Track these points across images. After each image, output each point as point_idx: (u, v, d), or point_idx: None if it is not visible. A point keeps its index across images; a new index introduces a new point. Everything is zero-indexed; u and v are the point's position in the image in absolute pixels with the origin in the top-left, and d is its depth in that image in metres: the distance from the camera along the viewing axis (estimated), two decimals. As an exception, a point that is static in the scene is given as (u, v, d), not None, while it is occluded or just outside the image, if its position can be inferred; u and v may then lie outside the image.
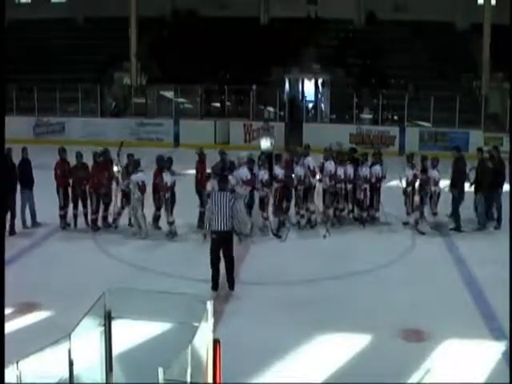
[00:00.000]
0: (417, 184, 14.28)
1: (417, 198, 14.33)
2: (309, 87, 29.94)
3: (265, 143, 19.39)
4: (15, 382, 4.64)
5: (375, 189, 14.51)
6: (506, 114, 24.41)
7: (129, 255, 12.47)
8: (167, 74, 28.62)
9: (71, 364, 5.01)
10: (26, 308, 9.74)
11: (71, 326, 5.13)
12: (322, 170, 14.53)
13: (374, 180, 14.44)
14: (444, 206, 14.43)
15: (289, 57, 28.58)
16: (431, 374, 8.04)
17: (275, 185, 13.84)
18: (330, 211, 14.45)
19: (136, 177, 13.31)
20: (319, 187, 14.68)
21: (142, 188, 13.31)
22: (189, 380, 4.74)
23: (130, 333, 5.89)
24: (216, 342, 5.57)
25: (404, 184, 14.47)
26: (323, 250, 13.00)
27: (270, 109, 27.19)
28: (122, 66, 29.31)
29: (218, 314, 7.03)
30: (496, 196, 14.54)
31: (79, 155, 14.04)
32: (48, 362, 5.04)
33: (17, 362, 4.65)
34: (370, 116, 26.37)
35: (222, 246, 10.41)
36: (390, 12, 30.09)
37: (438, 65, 27.72)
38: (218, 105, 28.56)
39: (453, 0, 29.30)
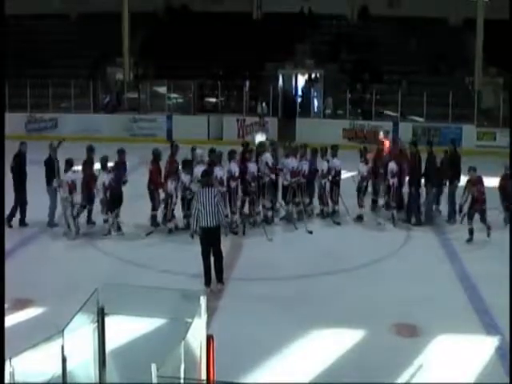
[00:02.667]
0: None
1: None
2: (302, 82, 29.94)
3: (259, 138, 19.45)
4: (8, 378, 4.63)
5: (335, 182, 14.55)
6: (499, 108, 24.47)
7: (123, 252, 12.43)
8: (160, 69, 28.58)
9: (64, 360, 4.99)
10: (19, 304, 9.71)
11: (64, 323, 5.11)
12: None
13: (333, 173, 14.46)
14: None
15: (282, 52, 28.56)
16: (424, 369, 8.06)
17: (232, 183, 13.61)
18: (290, 207, 14.31)
19: (66, 176, 13.32)
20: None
21: (70, 187, 13.24)
22: (182, 376, 4.73)
23: (124, 329, 5.87)
24: (209, 338, 5.56)
25: (357, 181, 14.60)
26: (315, 246, 12.99)
27: (264, 105, 27.16)
28: (114, 62, 29.24)
29: (211, 310, 7.02)
30: (449, 190, 14.47)
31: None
32: (41, 359, 5.02)
33: (10, 359, 4.63)
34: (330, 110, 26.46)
35: (211, 241, 10.44)
36: (382, 7, 30.11)
37: (431, 60, 27.75)
38: (211, 100, 28.53)
39: (445, -5, 29.38)
